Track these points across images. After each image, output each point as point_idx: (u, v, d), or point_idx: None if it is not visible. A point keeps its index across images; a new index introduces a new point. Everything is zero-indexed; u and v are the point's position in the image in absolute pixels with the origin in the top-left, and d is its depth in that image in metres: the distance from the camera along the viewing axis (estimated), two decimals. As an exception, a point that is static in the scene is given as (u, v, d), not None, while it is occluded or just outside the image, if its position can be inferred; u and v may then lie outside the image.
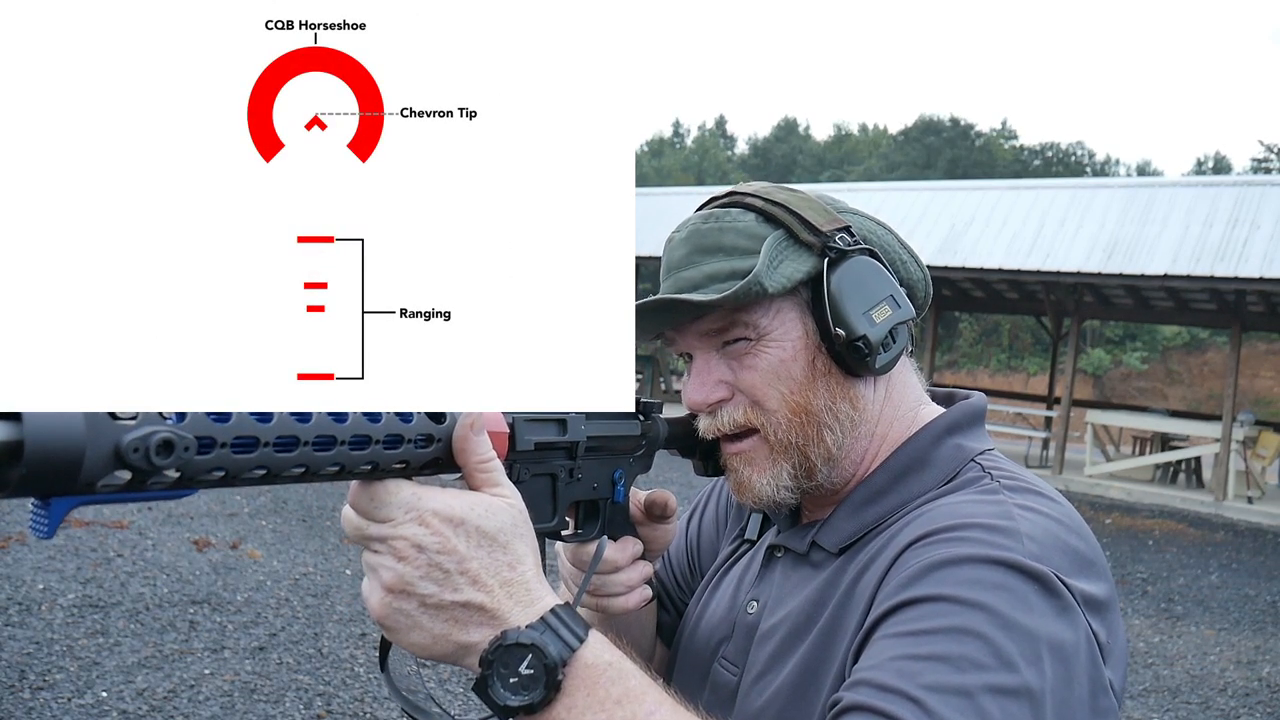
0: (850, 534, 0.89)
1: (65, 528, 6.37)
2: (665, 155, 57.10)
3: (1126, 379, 33.27)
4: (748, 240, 0.89)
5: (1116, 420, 13.75)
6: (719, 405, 0.91)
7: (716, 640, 0.97)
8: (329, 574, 5.99)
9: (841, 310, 0.86)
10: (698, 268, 0.89)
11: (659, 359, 19.27)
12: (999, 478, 0.85)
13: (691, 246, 0.91)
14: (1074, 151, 59.03)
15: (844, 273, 0.87)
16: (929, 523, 0.80)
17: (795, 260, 0.88)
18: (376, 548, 0.66)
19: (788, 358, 0.88)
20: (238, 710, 4.00)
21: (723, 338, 0.90)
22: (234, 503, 7.66)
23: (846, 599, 0.83)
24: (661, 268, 0.95)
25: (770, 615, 0.92)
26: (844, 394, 0.89)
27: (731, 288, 0.85)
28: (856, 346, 0.86)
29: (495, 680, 0.64)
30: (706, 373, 0.91)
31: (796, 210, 0.90)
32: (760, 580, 0.97)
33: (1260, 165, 36.53)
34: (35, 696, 3.92)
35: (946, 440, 0.91)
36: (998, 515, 0.78)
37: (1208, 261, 10.91)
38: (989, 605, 0.69)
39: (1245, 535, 10.07)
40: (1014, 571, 0.72)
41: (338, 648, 4.79)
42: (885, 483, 0.90)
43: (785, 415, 0.89)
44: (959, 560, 0.73)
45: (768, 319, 0.89)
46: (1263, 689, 5.43)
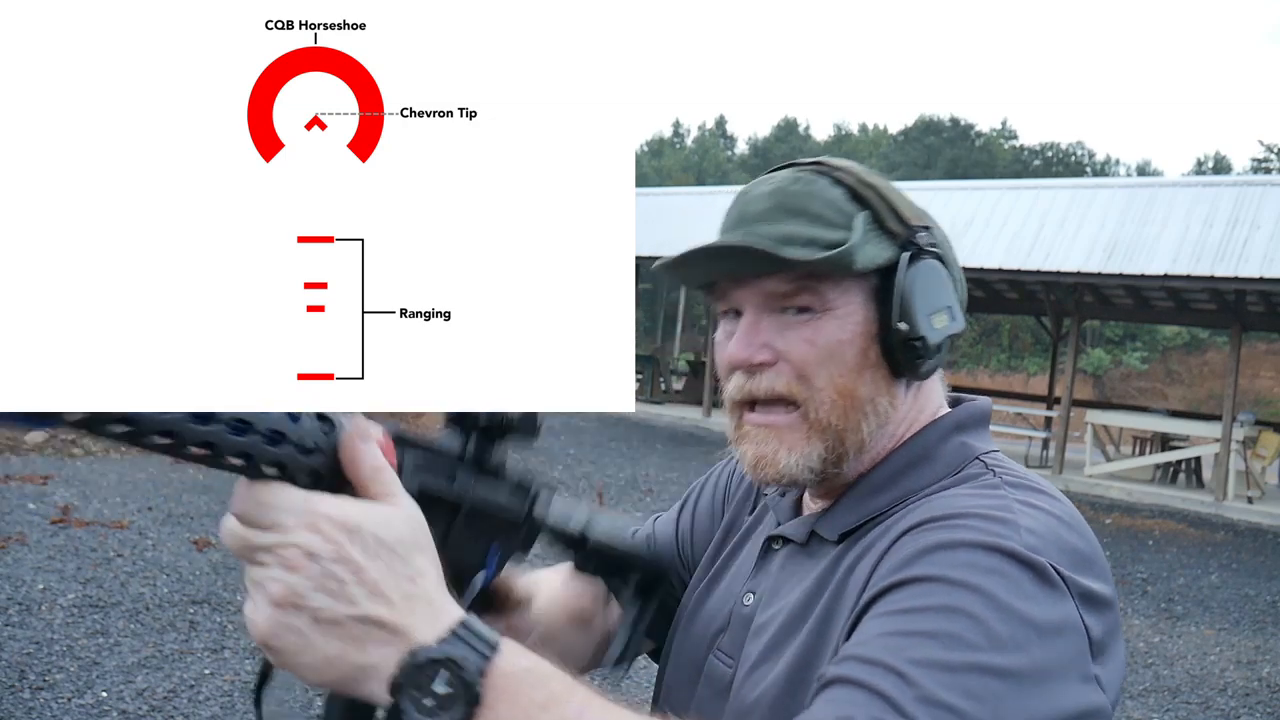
0: (850, 523, 0.88)
1: (65, 527, 6.37)
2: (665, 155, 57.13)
3: (1126, 379, 33.28)
4: (834, 213, 0.87)
5: (1116, 420, 13.76)
6: (760, 369, 0.88)
7: (713, 632, 0.96)
8: (329, 574, 6.00)
9: (909, 306, 0.86)
10: (778, 225, 0.87)
11: (659, 359, 19.28)
12: (1002, 475, 0.85)
13: (775, 203, 0.88)
14: (1074, 151, 59.04)
15: (918, 271, 0.87)
16: (926, 511, 0.80)
17: (877, 245, 0.87)
18: (263, 559, 0.60)
19: (845, 339, 0.87)
20: (238, 710, 4.00)
21: (785, 302, 0.87)
22: (234, 503, 7.66)
23: (841, 587, 0.83)
24: (729, 217, 0.92)
25: (766, 607, 0.91)
26: (885, 389, 0.88)
27: (811, 254, 0.83)
28: (913, 345, 0.86)
29: (410, 705, 0.59)
30: (755, 332, 0.88)
31: (887, 197, 0.89)
32: (757, 571, 0.96)
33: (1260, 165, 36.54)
34: (35, 696, 3.92)
35: (952, 437, 0.91)
36: (997, 508, 0.78)
37: (1208, 261, 10.92)
38: (981, 587, 0.69)
39: (1245, 535, 10.07)
40: (1010, 559, 0.72)
41: (338, 648, 4.80)
42: (889, 475, 0.89)
43: (831, 396, 0.87)
44: (954, 544, 0.73)
45: (837, 295, 0.87)
46: (1263, 689, 5.43)
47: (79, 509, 6.89)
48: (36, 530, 6.25)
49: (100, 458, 8.94)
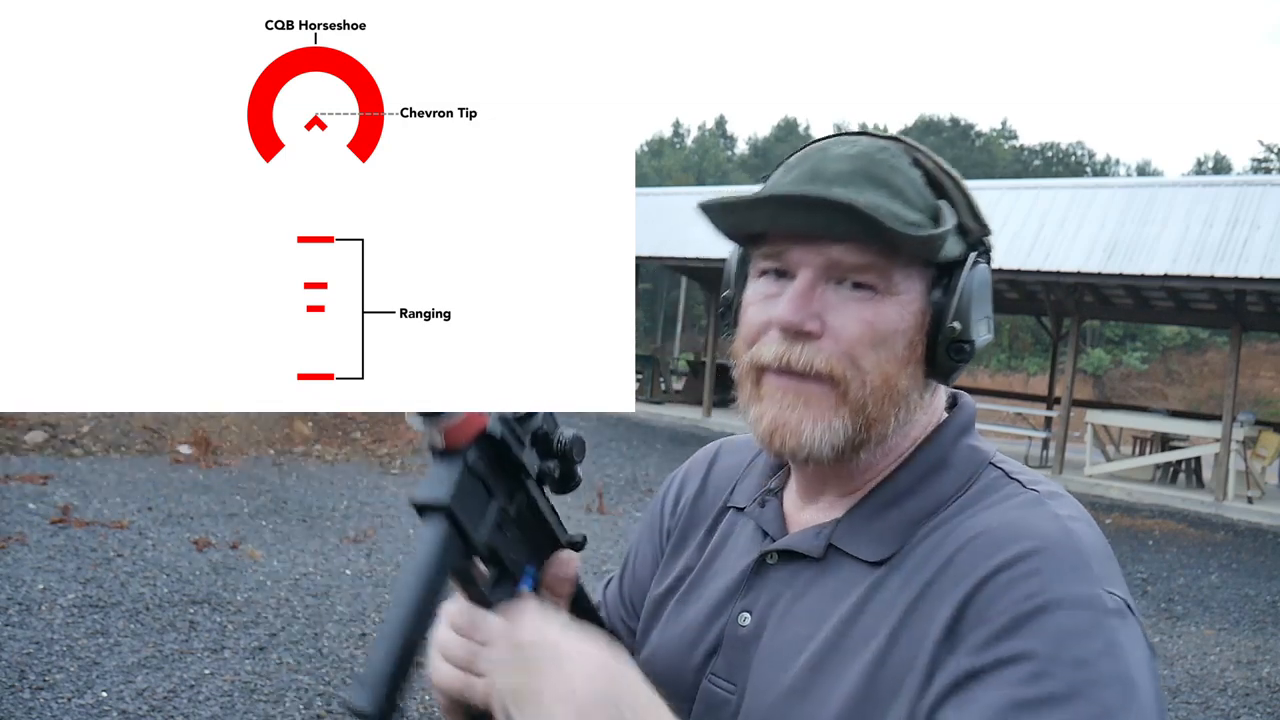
0: (887, 543, 0.83)
1: (65, 527, 6.38)
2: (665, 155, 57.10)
3: (1126, 379, 33.27)
4: (915, 194, 0.83)
5: (1116, 420, 13.75)
6: (805, 338, 0.82)
7: (703, 655, 0.89)
8: (329, 574, 5.99)
9: (966, 308, 0.83)
10: (858, 190, 0.81)
11: (659, 359, 19.27)
12: (1025, 481, 0.84)
13: (858, 167, 0.83)
14: (1074, 151, 59.03)
15: (979, 275, 0.84)
16: (994, 547, 0.76)
17: (953, 238, 0.83)
18: None
19: (900, 327, 0.82)
20: (238, 710, 4.00)
21: (846, 274, 0.82)
22: (234, 503, 7.66)
23: (905, 620, 0.77)
24: (796, 170, 0.86)
25: (779, 629, 0.85)
26: (917, 385, 0.85)
27: (898, 229, 0.78)
28: (960, 348, 0.83)
29: None
30: (809, 298, 0.82)
31: (965, 191, 0.86)
32: (749, 589, 0.89)
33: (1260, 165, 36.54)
34: (35, 696, 3.92)
35: (961, 441, 0.88)
36: (1058, 532, 0.77)
37: (1208, 261, 10.91)
38: (1086, 660, 0.69)
39: (1245, 535, 10.07)
40: (1100, 613, 0.72)
41: (338, 648, 4.79)
42: (910, 483, 0.86)
43: (875, 381, 0.82)
44: (1051, 607, 0.71)
45: (902, 279, 0.82)
46: (1263, 689, 5.43)
47: (79, 509, 6.88)
48: (36, 530, 6.25)
49: (100, 458, 8.94)
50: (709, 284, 17.57)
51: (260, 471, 9.00)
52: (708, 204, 0.84)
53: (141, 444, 9.51)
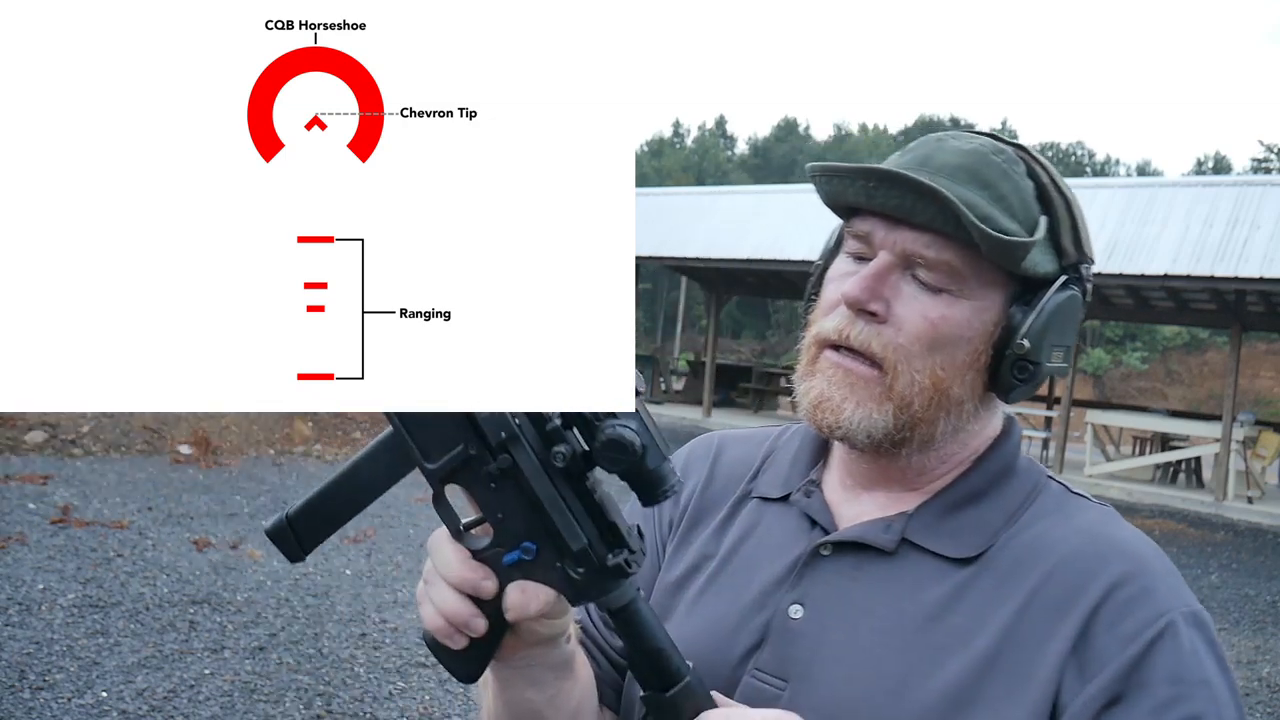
0: (969, 542, 0.84)
1: (65, 527, 6.38)
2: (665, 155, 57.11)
3: (1126, 379, 33.27)
4: (1019, 203, 0.82)
5: (1116, 420, 13.75)
6: (867, 318, 0.82)
7: (741, 649, 0.86)
8: (329, 574, 5.99)
9: (1041, 330, 0.81)
10: (961, 186, 0.80)
11: (659, 359, 19.27)
12: (1092, 499, 0.89)
13: (969, 163, 0.82)
14: (1074, 151, 59.04)
15: (1066, 300, 0.82)
16: (1099, 562, 0.80)
17: (1044, 254, 0.82)
18: None
19: (965, 335, 0.82)
20: (238, 710, 4.00)
21: (922, 269, 0.81)
22: (234, 502, 7.66)
23: (1017, 630, 0.79)
24: (910, 154, 0.85)
25: (845, 621, 0.83)
26: (973, 396, 0.84)
27: (977, 225, 0.77)
28: (1025, 367, 0.81)
29: None
30: (881, 281, 0.82)
31: (1074, 212, 0.84)
32: (800, 580, 0.86)
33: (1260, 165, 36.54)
34: (35, 696, 3.92)
35: (1020, 453, 0.91)
36: (1148, 548, 0.83)
37: (1208, 261, 10.92)
38: (1209, 679, 0.76)
39: (1245, 535, 10.07)
40: (1205, 629, 0.79)
41: (338, 648, 4.79)
42: (982, 485, 0.86)
43: (924, 382, 0.82)
44: (1170, 629, 0.77)
45: (979, 285, 0.81)
46: (1263, 689, 5.43)
47: (79, 509, 6.89)
48: (36, 530, 6.25)
49: (100, 458, 8.95)
50: (709, 284, 17.57)
51: (260, 471, 9.00)
52: (814, 166, 0.86)
53: (141, 444, 9.51)
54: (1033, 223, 0.82)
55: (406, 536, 7.10)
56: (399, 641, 4.96)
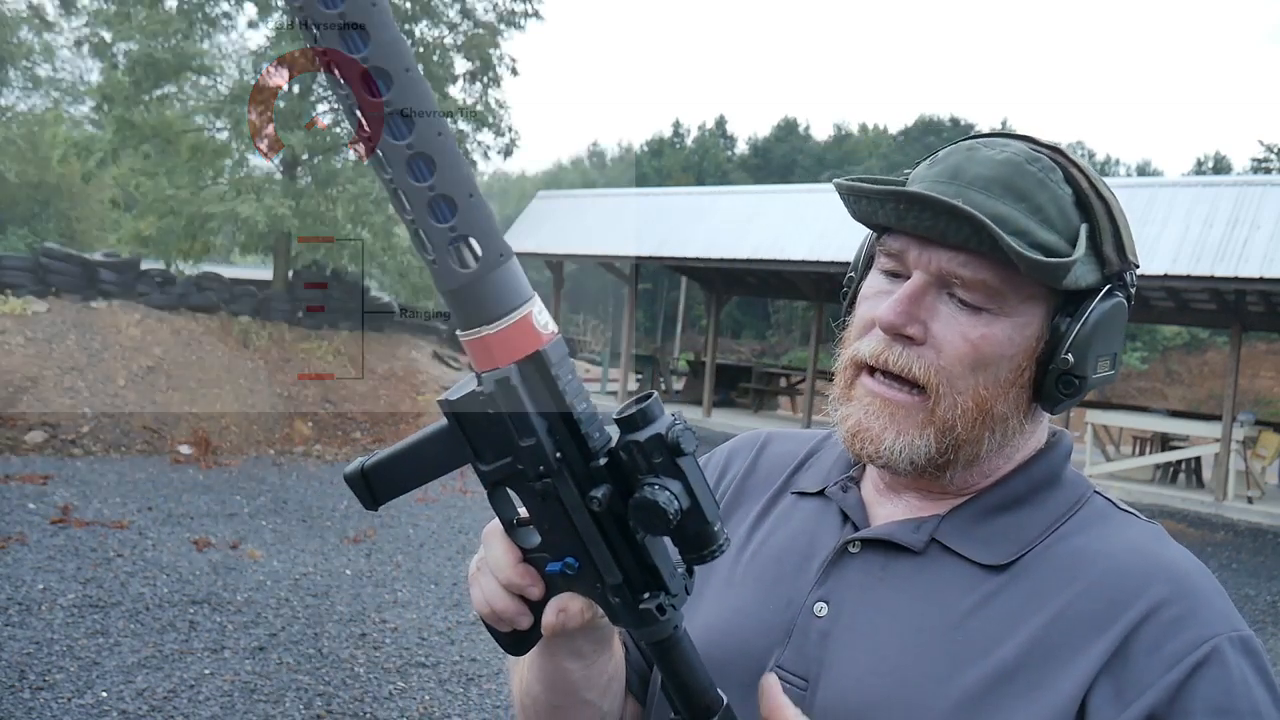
0: (1002, 549, 0.81)
1: (65, 527, 6.37)
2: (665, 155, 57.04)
3: (1126, 379, 33.27)
4: (1056, 212, 0.79)
5: (1116, 420, 13.74)
6: (905, 342, 0.80)
7: (764, 646, 0.85)
8: (329, 574, 5.99)
9: (1086, 343, 0.78)
10: (996, 200, 0.77)
11: (659, 359, 19.26)
12: (1140, 516, 0.85)
13: (1002, 174, 0.78)
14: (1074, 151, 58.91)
15: (1110, 309, 0.79)
16: (1143, 579, 0.77)
17: (1087, 265, 0.79)
18: None
19: (1008, 351, 0.79)
20: (238, 710, 4.00)
21: (959, 288, 0.79)
22: (234, 503, 7.66)
23: (1046, 640, 0.76)
24: (940, 166, 0.82)
25: (868, 618, 0.82)
26: (1018, 411, 0.82)
27: (1025, 249, 0.74)
28: (1070, 381, 0.79)
29: None
30: (917, 303, 0.79)
31: (1115, 218, 0.81)
32: (827, 578, 0.85)
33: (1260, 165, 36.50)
34: (35, 696, 3.92)
35: (1067, 464, 0.88)
36: (1196, 569, 0.79)
37: (1208, 261, 10.91)
38: (1259, 710, 0.72)
39: (1245, 535, 10.07)
40: (1252, 654, 0.75)
41: (338, 648, 4.79)
42: (1024, 491, 0.84)
43: (968, 404, 0.79)
44: (1219, 656, 0.74)
45: (1019, 302, 0.79)
46: (1263, 689, 5.42)
47: (79, 509, 6.89)
48: (36, 530, 6.25)
49: (100, 458, 8.95)
50: (709, 284, 17.56)
51: (260, 471, 9.00)
52: (841, 184, 0.83)
53: (141, 444, 9.50)
54: (1073, 232, 0.79)
55: (406, 536, 7.10)
56: (399, 641, 4.96)
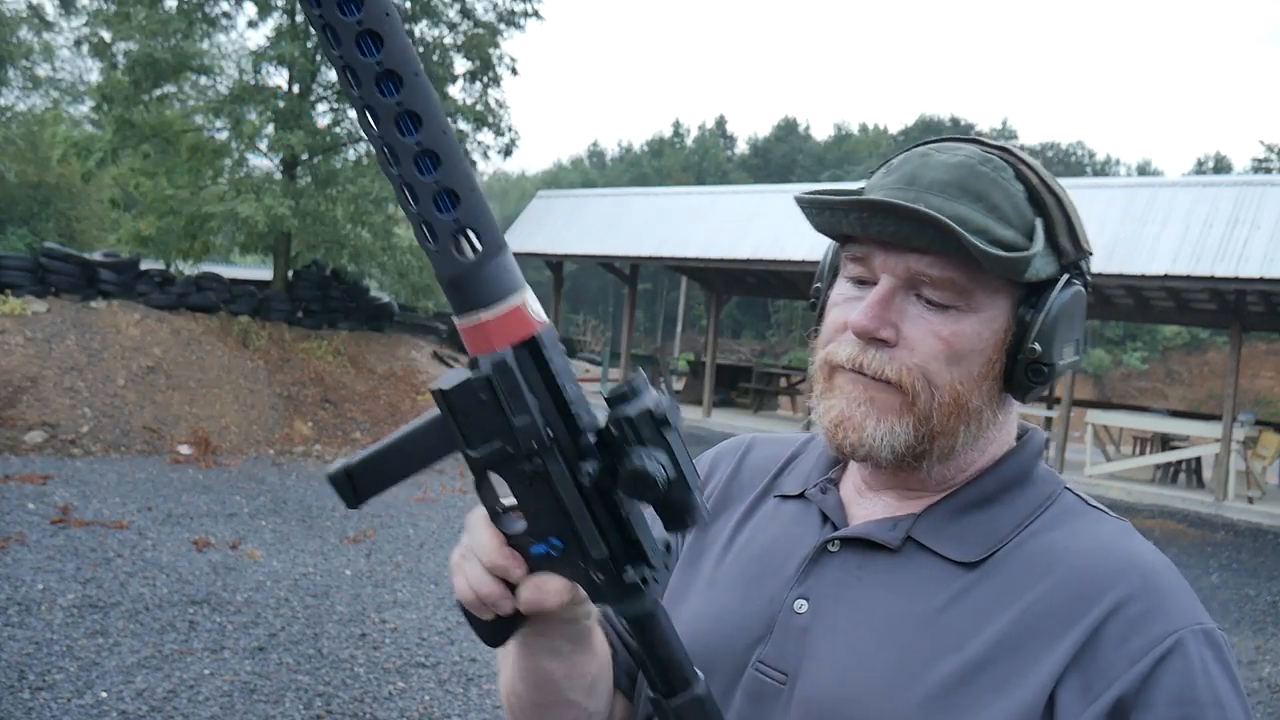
0: (974, 546, 0.84)
1: (65, 527, 6.37)
2: (665, 155, 57.05)
3: (1126, 379, 33.26)
4: (1012, 210, 0.82)
5: (1116, 420, 13.74)
6: (878, 345, 0.82)
7: (749, 641, 0.88)
8: (329, 574, 5.99)
9: (1051, 331, 0.82)
10: (953, 202, 0.80)
11: (659, 359, 19.26)
12: (1109, 513, 0.87)
13: (957, 178, 0.81)
14: (1074, 151, 59.06)
15: (1070, 296, 0.83)
16: (1111, 575, 0.79)
17: (1045, 258, 0.82)
18: None
19: (978, 345, 0.82)
20: (237, 710, 4.00)
21: (926, 288, 0.82)
22: (234, 503, 7.66)
23: (1015, 634, 0.78)
24: (895, 173, 0.85)
25: (845, 616, 0.84)
26: (991, 403, 0.85)
27: (984, 246, 0.77)
28: (1039, 370, 0.82)
29: None
30: (887, 307, 0.82)
31: (1067, 210, 0.84)
32: (806, 575, 0.88)
33: (1260, 165, 36.52)
34: (35, 696, 3.92)
35: (1039, 461, 0.90)
36: (1163, 565, 0.82)
37: (1208, 261, 10.91)
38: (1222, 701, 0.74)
39: (1245, 535, 10.07)
40: (1219, 648, 0.77)
41: (338, 648, 4.79)
42: (995, 490, 0.87)
43: (944, 399, 0.82)
44: (1182, 649, 0.76)
45: (985, 297, 0.82)
46: (1263, 689, 5.43)
47: (79, 509, 6.88)
48: (36, 530, 6.25)
49: (100, 458, 8.94)
50: (709, 284, 17.57)
51: (260, 471, 9.00)
52: (802, 198, 0.85)
53: (141, 444, 9.50)
54: (1029, 227, 0.82)
55: (406, 536, 7.10)
56: (399, 641, 4.96)
